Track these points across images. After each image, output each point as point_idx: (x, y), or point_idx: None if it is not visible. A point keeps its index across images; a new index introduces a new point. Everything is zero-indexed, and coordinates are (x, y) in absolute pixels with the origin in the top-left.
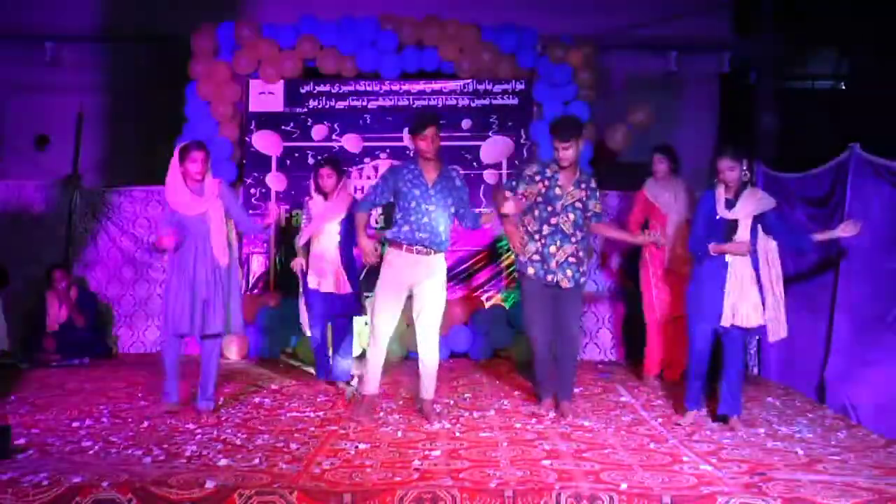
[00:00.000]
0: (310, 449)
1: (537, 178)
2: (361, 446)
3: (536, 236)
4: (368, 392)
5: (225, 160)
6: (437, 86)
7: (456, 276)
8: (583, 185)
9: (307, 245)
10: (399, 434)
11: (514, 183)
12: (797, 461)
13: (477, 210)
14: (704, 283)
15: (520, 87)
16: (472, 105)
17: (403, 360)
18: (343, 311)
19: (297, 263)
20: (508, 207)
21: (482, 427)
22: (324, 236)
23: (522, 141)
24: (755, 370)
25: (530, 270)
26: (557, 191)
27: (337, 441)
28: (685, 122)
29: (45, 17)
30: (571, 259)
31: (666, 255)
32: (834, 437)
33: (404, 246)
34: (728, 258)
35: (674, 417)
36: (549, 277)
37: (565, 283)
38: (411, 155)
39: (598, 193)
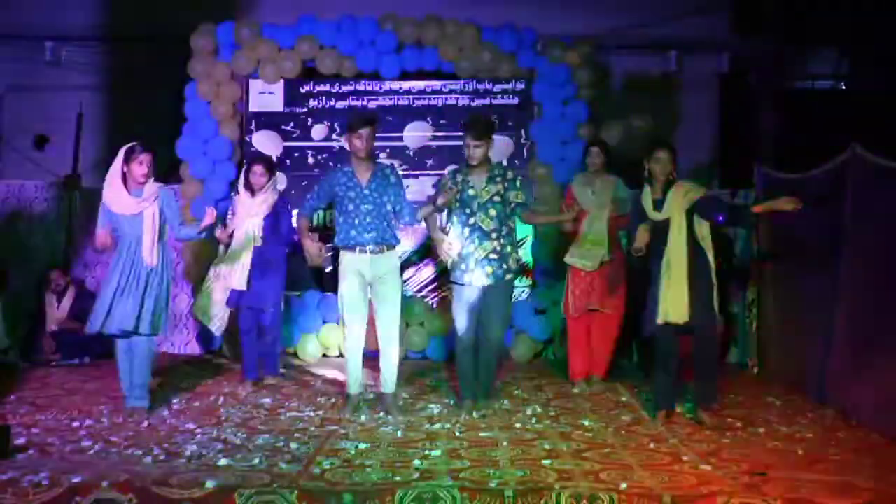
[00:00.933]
0: (310, 449)
1: (450, 184)
2: (361, 446)
3: (459, 240)
4: (352, 392)
5: (225, 160)
6: (436, 85)
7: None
8: (498, 179)
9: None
10: (399, 434)
11: (434, 195)
12: (797, 461)
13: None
14: (661, 285)
15: (520, 86)
16: (472, 105)
17: (403, 359)
18: (254, 304)
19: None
20: (440, 199)
21: (482, 427)
22: (242, 233)
23: (522, 141)
24: (755, 370)
25: (453, 273)
26: (471, 191)
27: (337, 441)
28: (685, 122)
29: (45, 17)
30: (493, 256)
31: (577, 250)
32: (834, 437)
33: (357, 249)
34: (666, 257)
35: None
36: (466, 277)
37: (482, 281)
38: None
39: (518, 183)
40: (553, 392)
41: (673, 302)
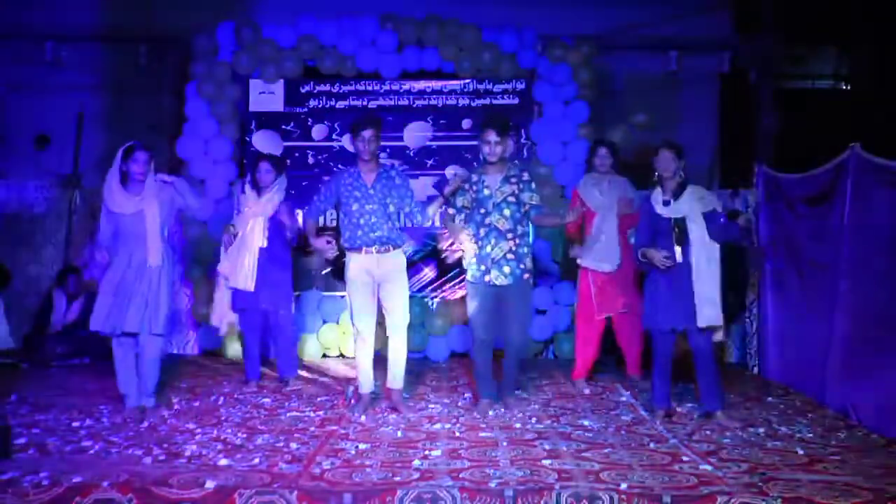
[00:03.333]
0: (310, 449)
1: (466, 186)
2: (361, 446)
3: (474, 240)
4: (364, 391)
5: (225, 160)
6: (437, 85)
7: (455, 277)
8: (513, 180)
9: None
10: (399, 434)
11: (454, 200)
12: (797, 461)
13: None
14: (660, 285)
15: (520, 86)
16: (473, 105)
17: None
18: (261, 306)
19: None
20: (447, 189)
21: (482, 427)
22: (247, 232)
23: (522, 141)
24: (755, 370)
25: (469, 273)
26: (486, 191)
27: (337, 441)
28: (685, 122)
29: (45, 17)
30: (509, 255)
31: (591, 253)
32: (834, 437)
33: (363, 249)
34: (691, 259)
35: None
36: (486, 278)
37: (501, 280)
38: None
39: (533, 185)
40: (553, 392)
41: (702, 304)
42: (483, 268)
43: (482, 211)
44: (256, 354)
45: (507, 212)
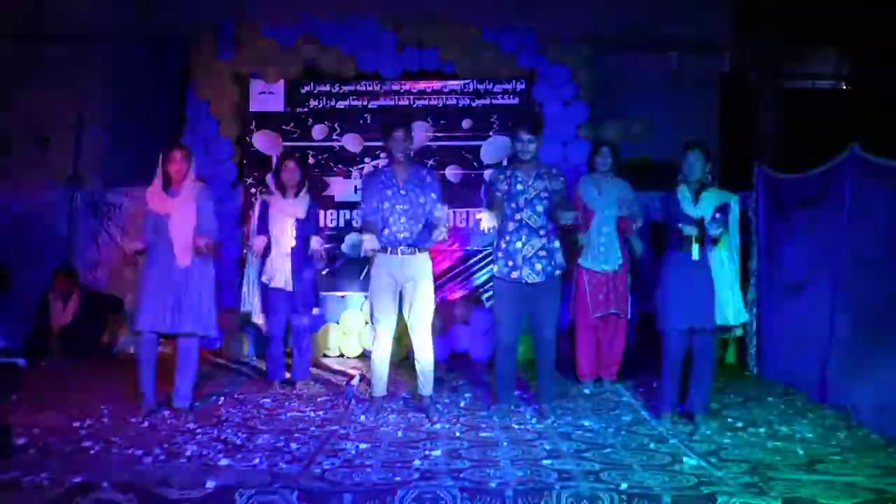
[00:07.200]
0: (310, 449)
1: (499, 181)
2: (361, 446)
3: (504, 235)
4: (376, 394)
5: (225, 160)
6: (437, 86)
7: (456, 276)
8: (545, 176)
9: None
10: (399, 434)
11: (487, 198)
12: (797, 461)
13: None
14: (675, 283)
15: (520, 87)
16: (473, 105)
17: (403, 360)
18: (295, 308)
19: (257, 245)
20: (488, 221)
21: (482, 427)
22: (279, 234)
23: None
24: (755, 370)
25: (495, 269)
26: (519, 186)
27: (337, 441)
28: (685, 122)
29: (46, 17)
30: (541, 253)
31: (590, 252)
32: (834, 437)
33: (388, 249)
34: (695, 255)
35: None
36: (514, 274)
37: (532, 278)
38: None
39: (562, 179)
40: (553, 391)
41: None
42: (511, 264)
43: (513, 205)
44: (282, 355)
45: (539, 208)
